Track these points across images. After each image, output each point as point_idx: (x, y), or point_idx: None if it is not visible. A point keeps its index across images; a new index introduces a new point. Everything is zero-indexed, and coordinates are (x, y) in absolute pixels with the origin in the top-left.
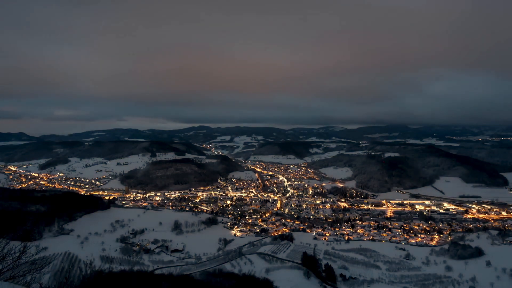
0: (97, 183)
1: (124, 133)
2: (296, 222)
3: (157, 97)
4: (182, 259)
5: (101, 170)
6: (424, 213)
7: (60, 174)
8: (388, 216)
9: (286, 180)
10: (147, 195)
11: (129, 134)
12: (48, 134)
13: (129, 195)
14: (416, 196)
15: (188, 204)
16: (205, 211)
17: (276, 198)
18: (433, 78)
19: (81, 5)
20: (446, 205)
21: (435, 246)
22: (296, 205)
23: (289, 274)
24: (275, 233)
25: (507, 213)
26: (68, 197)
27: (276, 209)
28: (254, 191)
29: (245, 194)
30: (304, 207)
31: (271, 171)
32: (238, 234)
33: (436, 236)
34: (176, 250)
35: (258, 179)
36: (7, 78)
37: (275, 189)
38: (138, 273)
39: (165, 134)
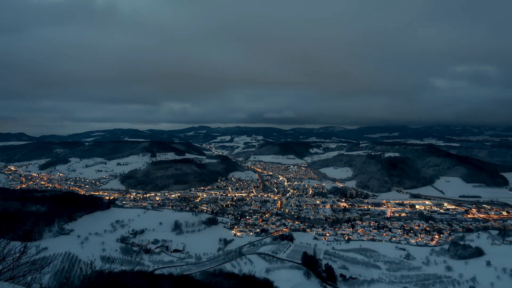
0: (97, 183)
1: (124, 133)
2: (296, 222)
3: None
4: (182, 259)
5: (101, 170)
6: (424, 213)
7: (60, 174)
8: (388, 216)
9: (286, 180)
10: (147, 195)
11: (129, 134)
12: (48, 134)
13: (129, 195)
14: (416, 196)
15: (188, 204)
16: (205, 211)
17: (276, 198)
18: None
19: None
20: (446, 205)
21: (435, 246)
22: (296, 205)
23: (289, 274)
24: (275, 233)
25: (507, 213)
26: (68, 197)
27: (276, 209)
28: (254, 191)
29: (245, 194)
30: (304, 207)
31: (271, 171)
32: (238, 234)
33: (436, 236)
34: (176, 250)
35: (258, 179)
36: None
37: (275, 189)
38: (138, 273)
39: (165, 134)
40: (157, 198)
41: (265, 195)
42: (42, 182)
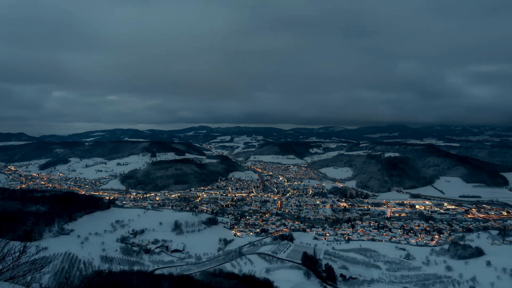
0: (97, 183)
1: (124, 133)
2: (296, 222)
3: None
4: (182, 259)
5: (101, 170)
6: (424, 213)
7: (60, 174)
8: (388, 216)
9: (286, 180)
10: (147, 195)
11: (129, 134)
12: (48, 134)
13: (129, 195)
14: (416, 196)
15: (188, 204)
16: (205, 211)
17: (276, 198)
18: None
19: None
20: (446, 205)
21: (435, 246)
22: (296, 205)
23: (289, 274)
24: (275, 233)
25: (507, 213)
26: (68, 197)
27: (276, 209)
28: (254, 191)
29: (245, 194)
30: (304, 207)
31: (271, 171)
32: (238, 234)
33: (436, 236)
34: (176, 250)
35: (258, 179)
36: None
37: (275, 189)
38: (138, 273)
39: (165, 134)
40: (157, 198)
41: (265, 195)
42: (42, 182)
